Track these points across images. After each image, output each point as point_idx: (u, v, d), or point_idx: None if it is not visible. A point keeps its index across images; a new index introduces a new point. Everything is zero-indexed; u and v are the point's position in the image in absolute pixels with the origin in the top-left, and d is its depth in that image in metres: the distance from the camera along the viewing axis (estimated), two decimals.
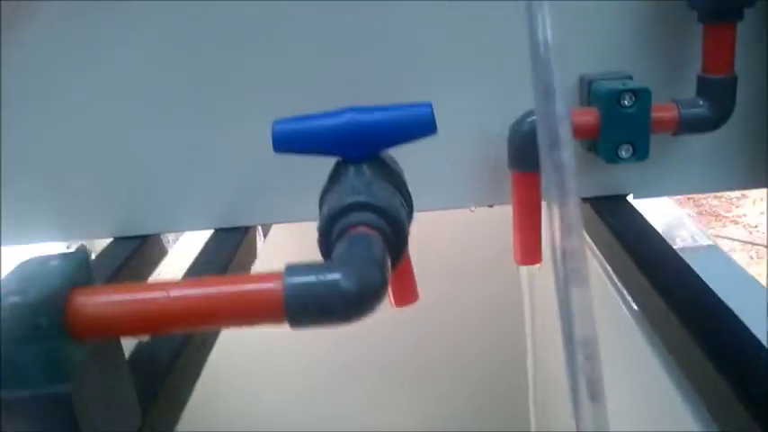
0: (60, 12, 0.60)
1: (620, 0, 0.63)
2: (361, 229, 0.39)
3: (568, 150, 0.32)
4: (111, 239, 0.69)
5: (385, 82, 0.65)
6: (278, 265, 0.36)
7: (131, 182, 0.67)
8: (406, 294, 0.61)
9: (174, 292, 0.35)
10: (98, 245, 0.70)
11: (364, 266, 0.36)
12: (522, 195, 0.64)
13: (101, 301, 0.35)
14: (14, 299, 0.34)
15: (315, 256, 0.40)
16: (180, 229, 0.69)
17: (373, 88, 0.65)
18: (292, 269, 0.35)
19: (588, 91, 0.64)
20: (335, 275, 0.34)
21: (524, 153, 0.63)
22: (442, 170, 0.68)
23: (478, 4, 0.63)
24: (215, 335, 0.63)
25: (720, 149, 0.68)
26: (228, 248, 0.67)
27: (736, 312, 0.49)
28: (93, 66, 0.62)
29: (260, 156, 0.65)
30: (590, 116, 0.61)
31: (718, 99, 0.61)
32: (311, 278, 0.35)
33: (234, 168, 0.66)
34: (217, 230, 0.69)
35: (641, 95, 0.60)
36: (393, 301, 0.61)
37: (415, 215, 0.48)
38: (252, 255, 0.70)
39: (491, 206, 0.71)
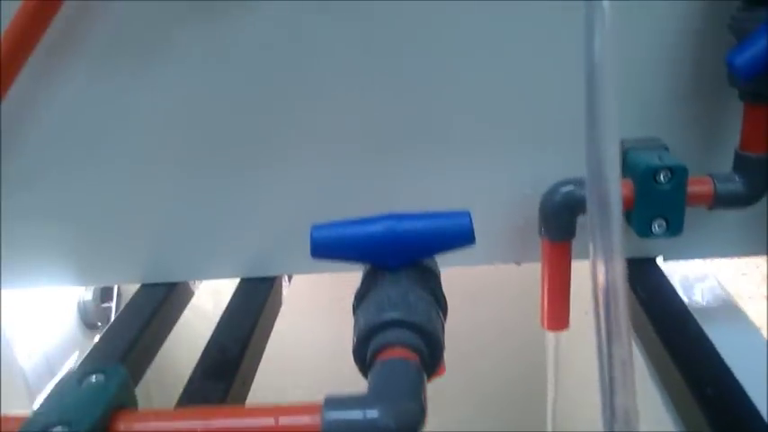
0: (90, 74, 0.60)
1: (661, 66, 0.62)
2: (398, 350, 0.39)
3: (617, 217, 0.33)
4: (139, 285, 0.69)
5: (420, 138, 0.65)
6: (303, 313, 0.36)
7: (160, 231, 0.67)
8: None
9: (214, 424, 0.36)
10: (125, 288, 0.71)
11: (402, 401, 0.36)
12: (553, 263, 0.64)
13: (142, 428, 0.36)
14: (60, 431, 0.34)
15: (336, 304, 0.40)
16: (207, 277, 0.70)
17: (406, 146, 0.64)
18: (331, 402, 0.36)
19: (623, 160, 0.63)
20: (374, 413, 0.35)
21: (556, 222, 0.63)
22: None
23: (518, 67, 0.62)
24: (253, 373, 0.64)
25: (752, 214, 0.67)
26: (257, 299, 0.67)
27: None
28: (124, 121, 0.62)
29: (286, 207, 0.65)
30: (625, 189, 0.61)
31: (754, 177, 0.60)
32: (350, 414, 0.35)
33: (261, 219, 0.66)
34: (243, 279, 0.69)
35: (678, 172, 0.59)
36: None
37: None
38: (278, 303, 0.71)
39: (518, 264, 0.71)
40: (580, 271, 0.63)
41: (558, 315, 0.66)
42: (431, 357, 0.41)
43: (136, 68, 0.61)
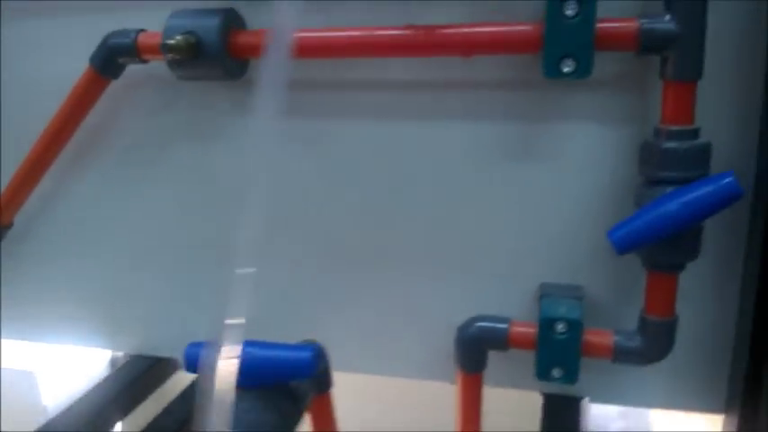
0: (100, 181, 0.75)
1: (587, 221, 0.67)
2: None
3: None
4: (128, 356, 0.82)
5: (375, 259, 0.73)
6: None
7: (147, 309, 0.80)
8: None
9: None
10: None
11: None
12: (466, 391, 0.70)
13: None
14: None
15: None
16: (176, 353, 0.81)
17: (359, 264, 0.74)
18: None
19: (539, 304, 0.68)
20: None
21: (469, 354, 0.68)
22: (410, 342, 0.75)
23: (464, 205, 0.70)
24: None
25: (679, 369, 0.69)
26: None
27: None
28: (124, 220, 0.77)
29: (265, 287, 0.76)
30: (532, 330, 0.65)
31: (655, 338, 0.64)
32: None
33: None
34: None
35: (573, 325, 0.64)
36: None
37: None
38: None
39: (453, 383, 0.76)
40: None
41: None
42: None
43: (136, 179, 0.75)
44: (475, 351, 0.68)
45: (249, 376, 0.53)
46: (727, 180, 0.54)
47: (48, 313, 0.82)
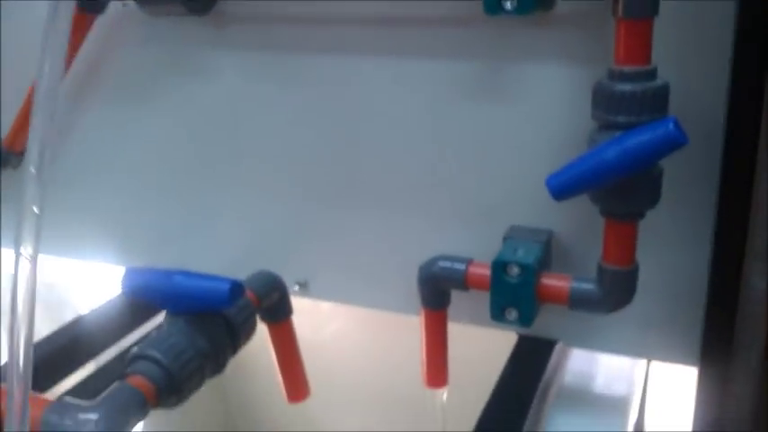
0: (103, 109, 0.80)
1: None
2: (137, 378, 0.52)
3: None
4: None
5: (353, 193, 0.75)
6: None
7: (158, 225, 0.85)
8: (299, 392, 0.72)
9: None
10: None
11: (110, 416, 0.49)
12: (430, 329, 0.70)
13: None
14: None
15: None
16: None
17: (337, 198, 0.75)
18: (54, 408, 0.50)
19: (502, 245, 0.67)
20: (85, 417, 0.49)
21: (432, 292, 0.69)
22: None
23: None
24: None
25: (652, 318, 0.67)
26: None
27: None
28: (129, 143, 0.83)
29: (239, 226, 0.81)
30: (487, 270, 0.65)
31: (611, 288, 0.61)
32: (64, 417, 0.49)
33: (220, 232, 0.82)
34: None
35: (526, 269, 0.62)
36: (287, 398, 0.73)
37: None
38: None
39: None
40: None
41: (436, 374, 0.73)
42: (170, 390, 0.53)
43: (134, 107, 0.80)
44: (435, 289, 0.69)
45: (174, 303, 0.57)
46: (666, 127, 0.50)
47: (69, 231, 0.90)
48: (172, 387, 0.54)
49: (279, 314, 0.68)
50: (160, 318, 0.87)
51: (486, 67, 0.64)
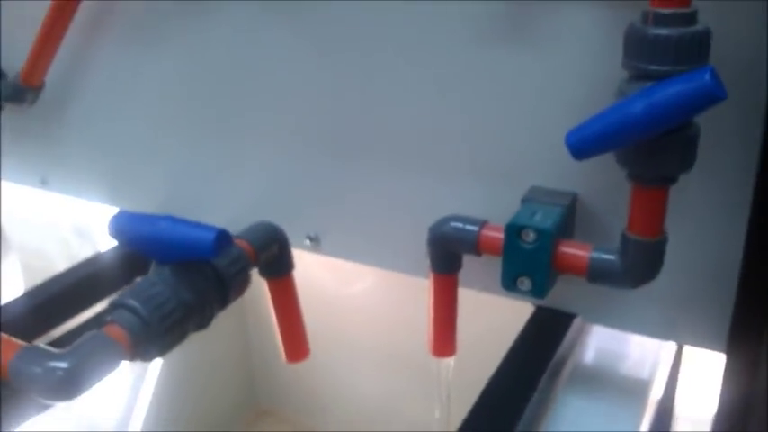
0: (114, 50, 0.77)
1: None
2: (113, 328, 0.50)
3: None
4: None
5: (371, 148, 0.70)
6: None
7: (164, 169, 0.83)
8: (298, 352, 0.69)
9: None
10: None
11: (81, 366, 0.47)
12: (438, 294, 0.66)
13: None
14: None
15: None
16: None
17: (355, 152, 0.71)
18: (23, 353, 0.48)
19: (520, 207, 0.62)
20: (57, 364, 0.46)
21: (441, 254, 0.64)
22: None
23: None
24: None
25: (678, 297, 0.61)
26: None
27: None
28: (138, 84, 0.80)
29: (253, 179, 0.77)
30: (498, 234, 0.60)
31: (636, 261, 0.56)
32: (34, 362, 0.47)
33: (230, 185, 0.79)
34: None
35: (543, 235, 0.57)
36: (285, 357, 0.70)
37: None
38: None
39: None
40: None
41: (444, 343, 0.68)
42: (147, 341, 0.50)
43: (142, 48, 0.77)
44: (445, 251, 0.64)
45: (158, 251, 0.53)
46: (702, 78, 0.44)
47: (82, 172, 0.88)
48: (149, 339, 0.51)
49: (278, 269, 0.64)
50: None
51: (505, 7, 0.58)
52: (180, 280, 0.53)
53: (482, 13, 0.59)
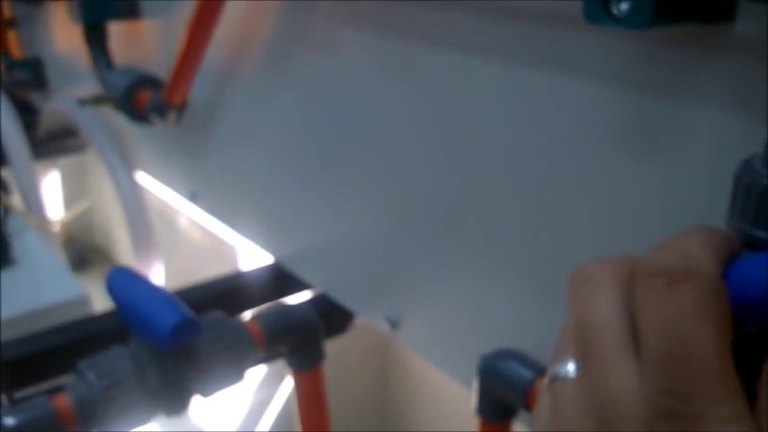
0: (250, 85, 0.76)
1: None
2: (59, 397, 0.46)
3: None
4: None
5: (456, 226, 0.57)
6: None
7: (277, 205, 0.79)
8: None
9: None
10: None
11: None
12: None
13: None
14: None
15: None
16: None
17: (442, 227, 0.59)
18: None
19: None
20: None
21: (494, 401, 0.50)
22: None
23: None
24: None
25: None
26: None
27: None
28: (267, 119, 0.76)
29: (342, 226, 0.69)
30: None
31: None
32: None
33: (329, 231, 0.71)
34: None
35: None
36: None
37: None
38: None
39: None
40: None
41: None
42: (90, 418, 0.46)
43: (271, 86, 0.73)
44: (501, 396, 0.50)
45: (130, 323, 0.48)
46: None
47: (218, 194, 0.87)
48: (93, 416, 0.46)
49: (303, 359, 0.55)
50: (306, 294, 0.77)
51: (633, 103, 0.42)
52: (151, 356, 0.47)
53: (606, 101, 0.43)
